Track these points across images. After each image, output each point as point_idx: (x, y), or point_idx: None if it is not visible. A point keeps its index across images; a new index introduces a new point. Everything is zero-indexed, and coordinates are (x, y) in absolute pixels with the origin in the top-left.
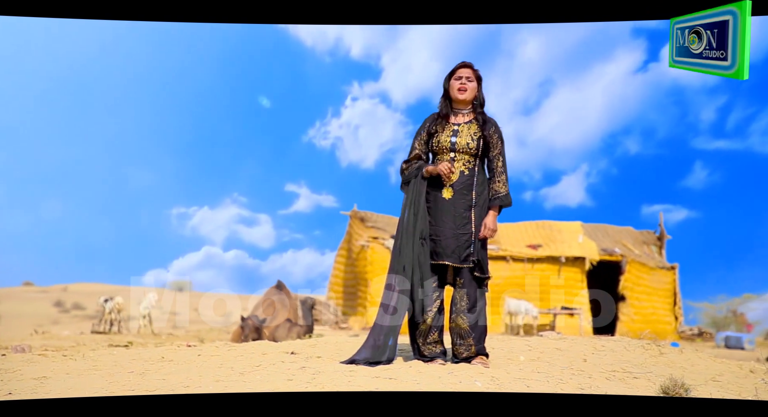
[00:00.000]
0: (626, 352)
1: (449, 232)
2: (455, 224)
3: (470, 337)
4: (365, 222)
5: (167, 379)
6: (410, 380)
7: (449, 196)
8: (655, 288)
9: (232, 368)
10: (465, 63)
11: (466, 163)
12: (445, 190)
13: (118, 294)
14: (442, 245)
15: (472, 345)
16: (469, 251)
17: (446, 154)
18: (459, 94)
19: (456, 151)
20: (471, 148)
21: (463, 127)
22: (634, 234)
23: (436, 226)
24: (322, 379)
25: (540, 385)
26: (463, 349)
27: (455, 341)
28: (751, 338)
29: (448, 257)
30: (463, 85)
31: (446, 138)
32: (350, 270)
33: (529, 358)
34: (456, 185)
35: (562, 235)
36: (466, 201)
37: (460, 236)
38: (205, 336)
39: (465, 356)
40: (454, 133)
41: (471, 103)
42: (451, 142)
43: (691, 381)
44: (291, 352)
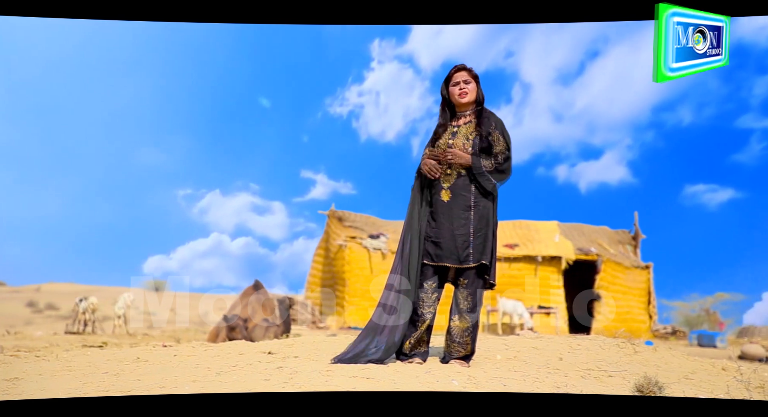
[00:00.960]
0: (601, 350)
1: (447, 233)
2: (453, 225)
3: (468, 337)
4: (343, 221)
5: (142, 380)
6: (388, 380)
7: (447, 198)
8: (630, 287)
9: (208, 368)
10: (458, 67)
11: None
12: (443, 193)
13: (93, 294)
14: (442, 247)
15: (468, 344)
16: (468, 251)
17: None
18: (461, 98)
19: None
20: (466, 148)
21: (462, 127)
22: (609, 233)
23: (435, 229)
24: (299, 379)
25: (516, 384)
26: (460, 349)
27: (453, 340)
28: (723, 336)
29: (448, 259)
30: (462, 90)
31: (445, 140)
32: (328, 269)
33: (505, 356)
34: (453, 187)
35: (539, 235)
36: (464, 202)
37: (458, 237)
38: (182, 336)
39: (462, 356)
40: (452, 136)
41: (473, 104)
42: (449, 145)
43: (665, 379)
44: (268, 352)
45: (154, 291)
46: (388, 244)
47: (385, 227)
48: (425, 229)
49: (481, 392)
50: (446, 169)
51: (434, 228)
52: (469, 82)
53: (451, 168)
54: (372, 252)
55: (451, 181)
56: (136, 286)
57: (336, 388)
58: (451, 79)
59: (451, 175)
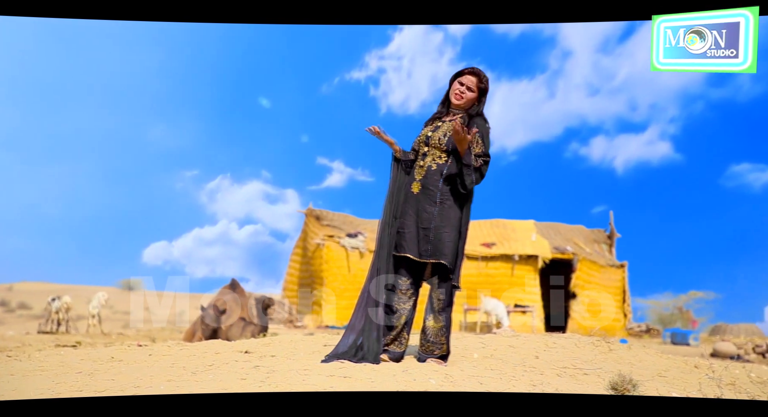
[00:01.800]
0: (577, 348)
1: (413, 226)
2: (418, 217)
3: (443, 336)
4: (321, 220)
5: (117, 380)
6: (365, 379)
7: (417, 190)
8: (605, 285)
9: (184, 368)
10: (474, 70)
11: (436, 158)
12: (414, 184)
13: (66, 293)
14: (405, 238)
15: (444, 344)
16: (427, 246)
17: (422, 149)
18: (454, 98)
19: (429, 145)
20: (441, 143)
21: (446, 123)
22: (585, 232)
23: (402, 219)
24: (275, 379)
25: (493, 382)
26: (435, 348)
27: (428, 340)
28: (695, 334)
29: (411, 251)
30: (460, 93)
31: (425, 132)
32: (305, 268)
33: (482, 355)
34: (424, 180)
35: (516, 234)
36: (431, 196)
37: (421, 231)
38: (157, 335)
39: (439, 354)
40: (435, 129)
41: (464, 110)
42: (427, 137)
43: (639, 376)
44: (245, 351)
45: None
46: (365, 243)
47: (363, 226)
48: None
49: (459, 392)
50: (420, 161)
51: (402, 219)
52: (471, 90)
53: (425, 160)
54: (350, 251)
55: (423, 174)
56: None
57: (313, 387)
58: (461, 76)
59: (424, 167)
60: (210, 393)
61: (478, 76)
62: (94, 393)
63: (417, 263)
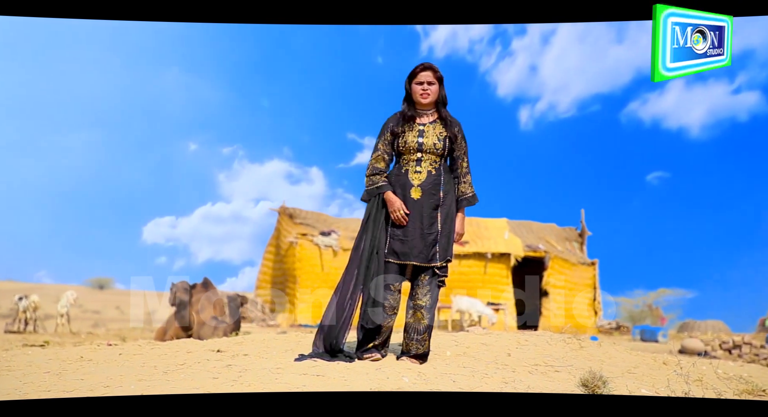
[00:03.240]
0: (548, 346)
1: (417, 232)
2: (423, 224)
3: (425, 333)
4: (294, 218)
5: (86, 380)
6: (338, 377)
7: (418, 196)
8: (576, 283)
9: (155, 367)
10: (425, 65)
11: (432, 163)
12: (413, 191)
13: (33, 292)
14: (409, 245)
15: (426, 341)
16: (435, 250)
17: (413, 155)
18: (422, 98)
19: (423, 151)
20: (438, 148)
21: (429, 127)
22: (557, 230)
23: (404, 227)
24: (248, 378)
25: (466, 380)
26: (419, 346)
27: (411, 337)
28: (664, 331)
29: (416, 257)
30: (425, 91)
31: (413, 139)
32: (278, 267)
33: (455, 353)
34: (424, 185)
35: (489, 232)
36: (433, 201)
37: (428, 236)
38: (128, 335)
39: (421, 353)
40: (420, 134)
41: (433, 104)
42: (418, 143)
43: (609, 373)
44: (217, 350)
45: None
46: (339, 242)
47: (337, 224)
48: (390, 228)
49: (432, 391)
50: (416, 167)
51: (402, 226)
52: (432, 84)
53: (421, 165)
54: (323, 249)
55: (422, 179)
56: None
57: (286, 386)
58: (416, 77)
59: (422, 173)
60: (182, 393)
61: (432, 69)
62: (63, 393)
63: (406, 266)
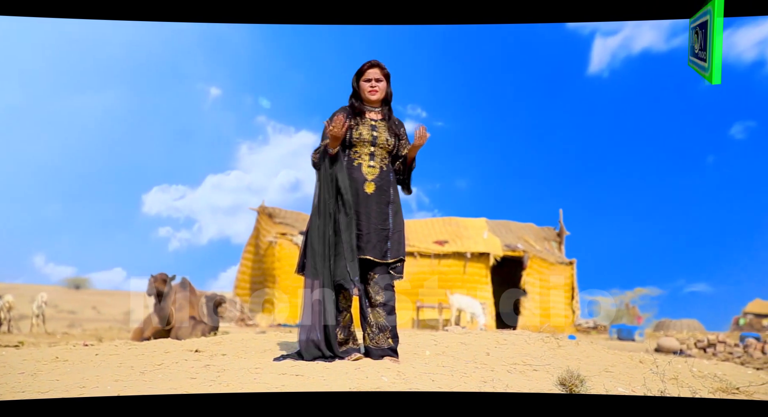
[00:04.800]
0: (527, 345)
1: (373, 226)
2: (377, 219)
3: (387, 330)
4: (273, 218)
5: (61, 380)
6: (317, 377)
7: (371, 190)
8: (555, 282)
9: (132, 367)
10: (372, 63)
11: (383, 159)
12: (367, 185)
13: (7, 292)
14: (365, 239)
15: (389, 338)
16: (387, 246)
17: (366, 148)
18: (371, 95)
19: (376, 145)
20: (390, 144)
21: (380, 123)
22: (535, 230)
23: (359, 221)
24: (226, 377)
25: (445, 379)
26: (383, 340)
27: (372, 333)
28: (641, 330)
29: (370, 252)
30: (373, 88)
31: (368, 132)
32: (258, 266)
33: (434, 352)
34: (377, 181)
35: (468, 232)
36: (385, 197)
37: (381, 231)
38: (104, 335)
39: (387, 347)
40: (373, 128)
41: (381, 101)
42: (373, 137)
43: (586, 372)
44: (195, 350)
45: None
46: None
47: None
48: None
49: (411, 391)
50: (369, 161)
51: (358, 221)
52: (380, 80)
53: (374, 160)
54: None
55: (375, 174)
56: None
57: (265, 386)
58: (363, 74)
59: (375, 167)
60: (159, 393)
61: (379, 66)
62: (38, 394)
63: (363, 261)
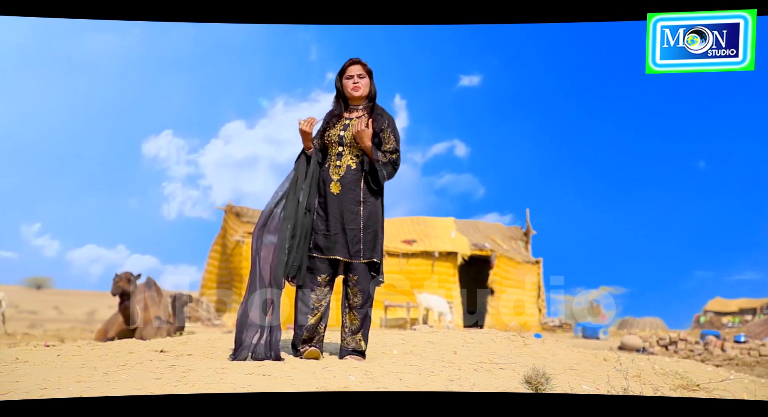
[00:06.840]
0: (493, 343)
1: (339, 226)
2: (344, 219)
3: (359, 333)
4: (240, 217)
5: (21, 382)
6: (284, 376)
7: (337, 191)
8: (522, 281)
9: (95, 368)
10: (353, 60)
11: (353, 157)
12: (333, 185)
13: None
14: (332, 240)
15: (361, 340)
16: (359, 246)
17: (335, 148)
18: (354, 92)
19: (343, 145)
20: (357, 141)
21: (355, 121)
22: (502, 229)
23: (326, 221)
24: (192, 378)
25: (412, 378)
26: (353, 343)
27: (345, 334)
28: (605, 328)
29: (339, 252)
30: (356, 84)
31: (336, 132)
32: (224, 266)
33: (402, 351)
34: (343, 180)
35: (436, 231)
36: (354, 196)
37: (349, 231)
38: (66, 335)
39: (353, 348)
40: (344, 128)
41: (365, 98)
42: (339, 136)
43: (552, 370)
44: (160, 350)
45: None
46: None
47: None
48: (315, 221)
49: (378, 391)
50: (336, 161)
51: (324, 220)
52: (363, 77)
53: (342, 159)
54: None
55: (341, 174)
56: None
57: (231, 386)
58: (345, 72)
59: (341, 167)
60: (123, 394)
61: (360, 63)
62: None
63: (336, 261)
